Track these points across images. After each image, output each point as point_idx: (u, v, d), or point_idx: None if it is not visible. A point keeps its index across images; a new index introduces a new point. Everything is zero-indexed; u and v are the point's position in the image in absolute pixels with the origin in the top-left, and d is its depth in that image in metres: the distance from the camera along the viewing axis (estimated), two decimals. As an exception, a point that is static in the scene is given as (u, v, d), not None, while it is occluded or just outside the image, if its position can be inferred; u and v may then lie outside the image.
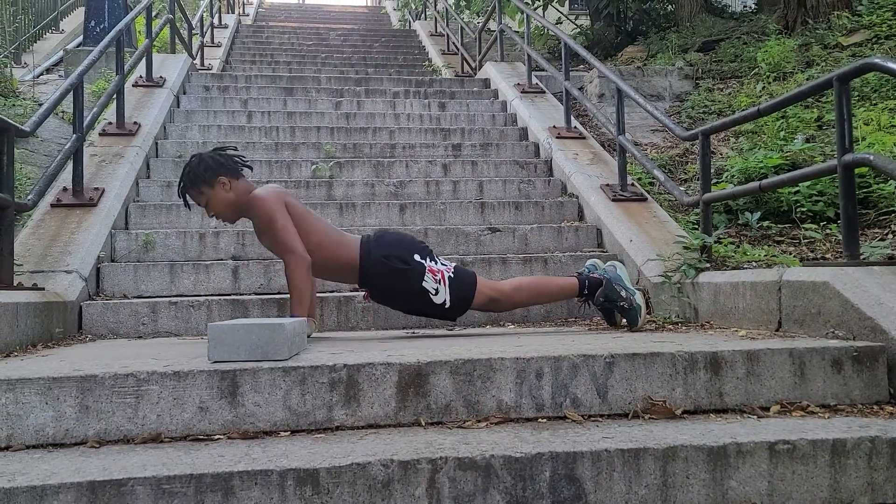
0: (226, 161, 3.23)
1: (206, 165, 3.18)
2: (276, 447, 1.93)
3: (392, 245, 3.28)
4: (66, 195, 4.43)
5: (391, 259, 3.23)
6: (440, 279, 3.25)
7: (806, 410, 2.26)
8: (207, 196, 3.19)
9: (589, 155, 5.71)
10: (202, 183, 3.18)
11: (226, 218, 3.27)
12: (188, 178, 3.19)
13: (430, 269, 3.27)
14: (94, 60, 4.65)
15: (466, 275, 3.35)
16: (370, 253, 3.26)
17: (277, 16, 16.27)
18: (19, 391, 2.00)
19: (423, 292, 3.23)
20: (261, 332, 2.23)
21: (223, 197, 3.19)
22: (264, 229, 3.21)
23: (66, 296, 3.54)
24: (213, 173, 3.18)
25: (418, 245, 3.35)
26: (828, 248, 4.06)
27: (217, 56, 10.03)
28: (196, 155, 3.24)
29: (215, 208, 3.21)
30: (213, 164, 3.19)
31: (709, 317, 3.46)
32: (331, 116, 6.81)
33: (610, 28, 10.77)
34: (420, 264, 3.26)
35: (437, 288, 3.24)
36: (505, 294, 3.38)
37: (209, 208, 3.22)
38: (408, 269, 3.23)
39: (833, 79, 2.88)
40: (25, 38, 9.20)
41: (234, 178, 3.22)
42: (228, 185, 3.20)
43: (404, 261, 3.24)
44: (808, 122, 5.69)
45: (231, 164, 3.25)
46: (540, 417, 2.21)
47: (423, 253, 3.31)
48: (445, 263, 3.36)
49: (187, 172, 3.20)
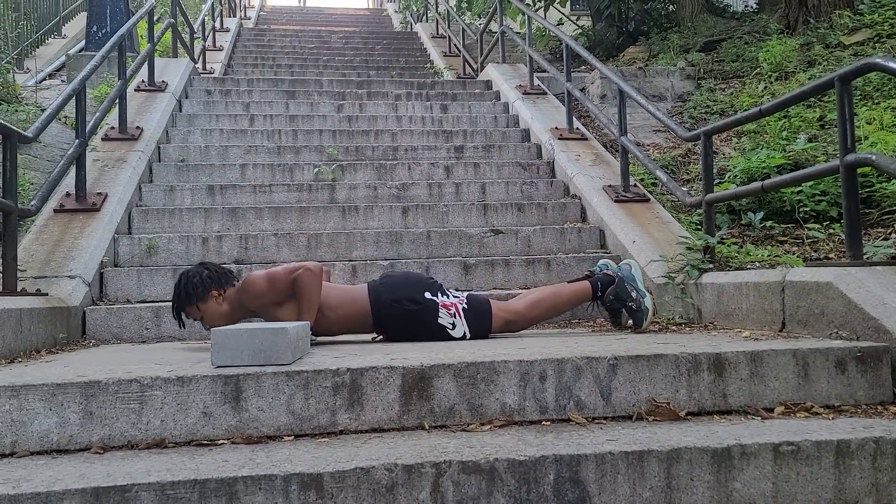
0: (214, 275, 3.20)
1: (196, 283, 3.15)
2: (279, 452, 1.93)
3: (400, 287, 3.24)
4: (70, 200, 4.44)
5: (402, 301, 3.19)
6: (455, 313, 3.22)
7: (810, 411, 2.26)
8: (202, 311, 3.18)
9: (591, 156, 5.71)
10: (196, 300, 3.15)
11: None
12: (181, 298, 3.17)
13: (442, 304, 3.23)
14: (97, 66, 4.66)
15: (480, 303, 3.32)
16: (380, 299, 3.22)
17: (279, 19, 16.30)
18: (23, 397, 2.00)
19: (440, 329, 3.20)
20: (264, 336, 2.24)
21: (217, 310, 3.18)
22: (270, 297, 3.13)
23: (69, 301, 3.54)
24: (203, 289, 3.15)
25: (426, 282, 3.32)
26: (831, 247, 4.06)
27: (219, 60, 10.05)
28: (184, 273, 3.21)
29: (210, 321, 3.19)
30: (202, 280, 3.16)
31: (712, 318, 3.45)
32: (333, 119, 6.82)
33: (611, 29, 10.77)
34: (432, 301, 3.22)
35: (453, 322, 3.21)
36: (520, 314, 3.37)
37: (204, 322, 3.21)
38: (420, 308, 3.19)
39: (835, 79, 2.87)
40: (28, 43, 9.23)
41: (223, 290, 3.20)
42: (220, 297, 3.18)
43: (416, 301, 3.20)
44: (811, 121, 5.68)
45: (220, 277, 3.21)
46: (544, 420, 2.21)
47: (432, 289, 3.27)
48: (457, 295, 3.32)
49: (179, 293, 3.17)
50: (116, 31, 6.32)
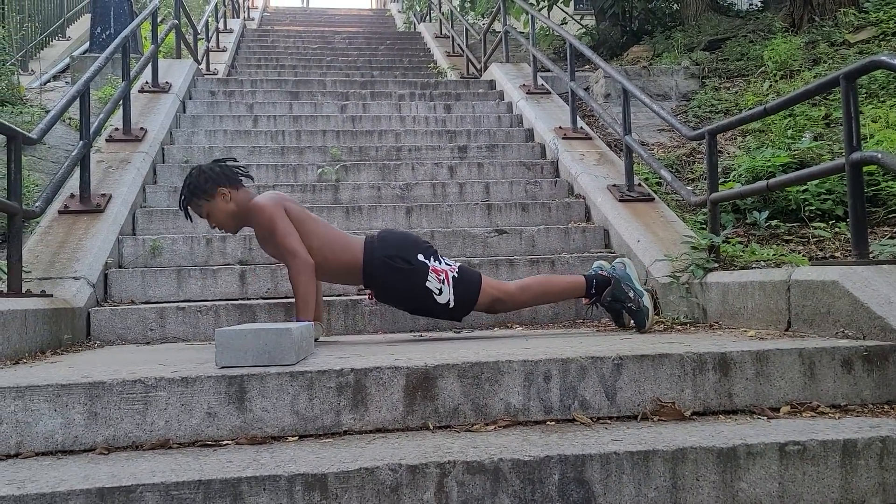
0: (225, 172, 3.24)
1: (206, 177, 3.19)
2: (284, 452, 1.93)
3: (395, 245, 3.27)
4: (74, 202, 4.44)
5: (394, 259, 3.22)
6: (444, 279, 3.24)
7: (816, 411, 2.25)
8: (209, 207, 3.20)
9: (595, 155, 5.70)
10: (203, 195, 3.19)
11: (227, 228, 3.28)
12: (189, 191, 3.21)
13: (433, 268, 3.25)
14: (101, 67, 4.67)
15: (471, 275, 3.34)
16: (373, 253, 3.25)
17: (282, 20, 16.32)
18: (28, 398, 2.00)
19: (426, 292, 3.22)
20: (268, 337, 2.23)
21: (224, 208, 3.21)
22: (266, 236, 3.22)
23: (74, 302, 3.55)
24: (213, 184, 3.19)
25: (422, 245, 3.33)
26: (837, 246, 4.04)
27: (222, 61, 10.06)
28: (196, 167, 3.25)
29: (217, 219, 3.22)
30: (212, 175, 3.20)
31: (717, 317, 3.44)
32: (336, 120, 6.82)
33: (615, 28, 10.75)
34: (423, 264, 3.24)
35: (440, 288, 3.23)
36: (510, 294, 3.36)
37: (211, 219, 3.23)
38: (411, 268, 3.22)
39: (840, 77, 2.86)
40: (32, 45, 9.25)
41: (234, 189, 3.24)
42: (229, 195, 3.21)
43: (407, 261, 3.23)
44: (816, 119, 5.66)
45: (231, 174, 3.26)
46: (548, 420, 2.20)
47: (426, 253, 3.30)
48: (450, 263, 3.34)
49: (188, 185, 3.21)
50: (120, 33, 6.33)
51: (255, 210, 3.19)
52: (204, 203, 3.21)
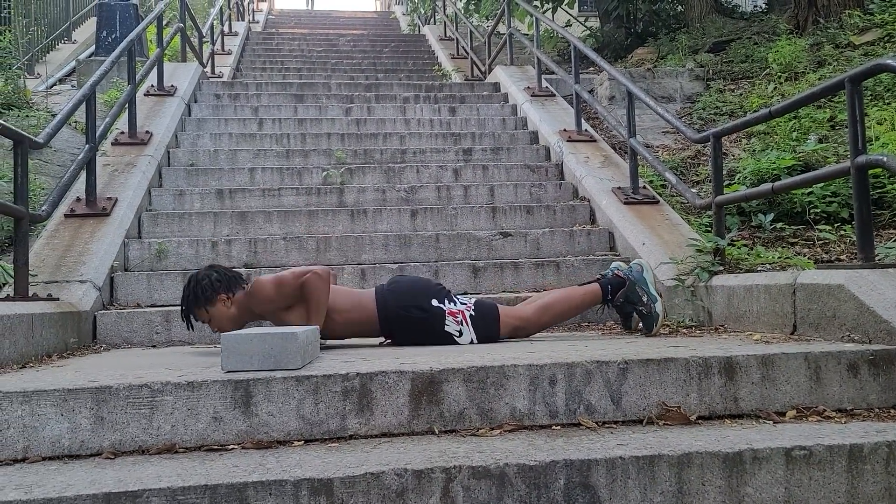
0: (223, 279, 3.20)
1: (205, 286, 3.16)
2: (289, 457, 1.93)
3: (407, 293, 3.24)
4: (80, 205, 4.46)
5: (408, 309, 3.19)
6: (461, 320, 3.21)
7: (822, 415, 2.24)
8: (210, 315, 3.18)
9: (600, 158, 5.70)
10: (205, 303, 3.16)
11: (228, 331, 3.21)
12: (190, 301, 3.18)
13: (449, 311, 3.22)
14: (106, 71, 4.69)
15: (488, 309, 3.30)
16: (387, 305, 3.22)
17: (287, 22, 16.34)
18: (35, 403, 2.01)
19: (446, 336, 3.19)
20: (273, 341, 2.24)
21: (225, 313, 3.18)
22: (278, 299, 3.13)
23: (80, 306, 3.56)
24: (213, 292, 3.16)
25: (433, 288, 3.30)
26: (842, 249, 4.03)
27: (227, 64, 10.09)
28: (193, 276, 3.21)
29: (218, 324, 3.20)
30: (210, 283, 3.17)
31: (722, 320, 3.44)
32: (341, 123, 6.83)
33: (620, 30, 10.75)
34: (439, 309, 3.21)
35: (459, 329, 3.20)
36: (529, 320, 3.34)
37: (212, 325, 3.21)
38: (426, 315, 3.19)
39: (845, 80, 2.86)
40: (38, 49, 9.29)
41: (232, 294, 3.20)
42: (228, 301, 3.18)
43: (421, 308, 3.20)
44: (821, 122, 5.65)
45: (228, 279, 3.22)
46: (554, 424, 2.20)
47: (440, 296, 3.26)
48: (464, 302, 3.30)
49: (187, 296, 3.18)
50: (126, 36, 6.36)
51: (255, 289, 3.14)
52: (204, 311, 3.18)
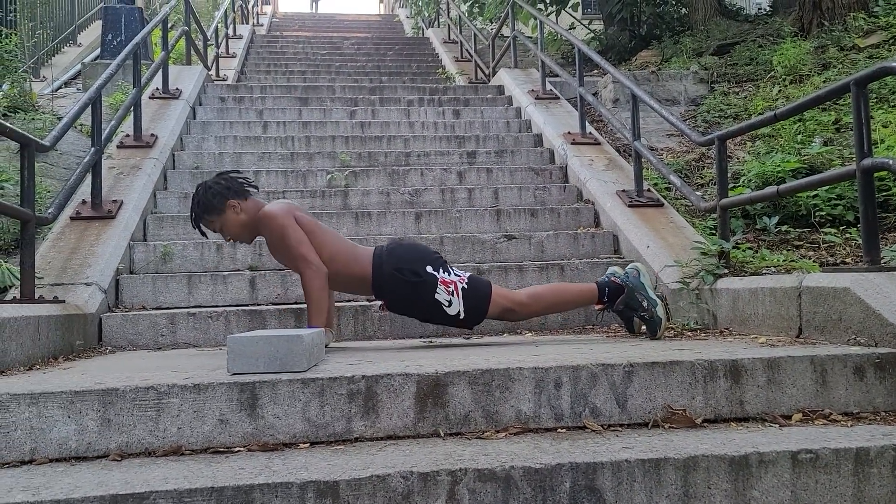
0: (231, 184, 3.26)
1: (214, 192, 3.21)
2: (295, 459, 1.94)
3: (404, 257, 3.28)
4: (85, 208, 4.47)
5: (403, 272, 3.22)
6: (453, 290, 3.24)
7: (828, 419, 2.24)
8: (221, 222, 3.23)
9: (604, 161, 5.70)
10: (213, 210, 3.21)
11: (242, 239, 3.31)
12: (199, 208, 3.23)
13: (442, 280, 3.25)
14: (112, 74, 4.69)
15: (481, 285, 3.33)
16: (382, 265, 3.26)
17: (291, 25, 16.38)
18: (42, 405, 2.02)
19: (435, 304, 3.23)
20: (279, 343, 2.24)
21: (235, 219, 3.23)
22: (277, 245, 3.24)
23: (86, 308, 3.57)
24: (221, 199, 3.21)
25: (431, 256, 3.34)
26: (847, 252, 4.03)
27: (232, 67, 10.11)
28: (201, 184, 3.27)
29: (230, 231, 3.24)
30: (219, 189, 3.23)
31: (727, 323, 3.43)
32: (345, 125, 6.84)
33: (623, 32, 10.75)
34: (432, 276, 3.24)
35: (449, 300, 3.23)
36: (521, 304, 3.35)
37: (224, 232, 3.26)
38: (419, 281, 3.22)
39: (850, 83, 2.86)
40: (44, 52, 9.32)
41: (242, 200, 3.26)
42: (239, 207, 3.23)
43: (416, 273, 3.23)
44: (826, 124, 5.65)
45: (237, 186, 3.28)
46: (559, 427, 2.20)
47: (435, 264, 3.30)
48: (459, 274, 3.34)
49: (197, 202, 3.23)
50: (131, 40, 6.38)
51: (266, 219, 3.21)
52: (216, 218, 3.23)
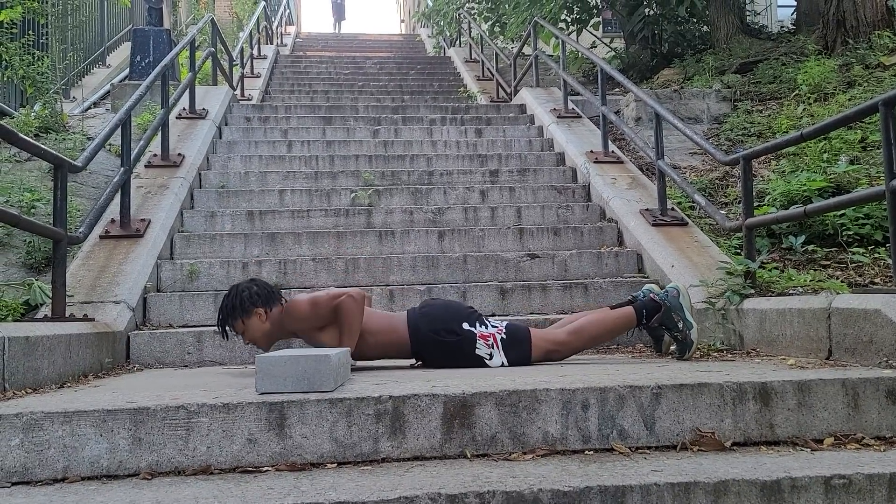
0: (262, 293, 3.27)
1: (243, 298, 3.23)
2: (323, 480, 1.94)
3: (439, 318, 3.25)
4: (114, 227, 4.54)
5: (440, 332, 3.21)
6: (492, 343, 3.21)
7: (861, 443, 2.21)
8: (244, 326, 3.25)
9: (627, 179, 5.69)
10: (241, 314, 3.23)
11: (260, 345, 3.31)
12: (227, 311, 3.25)
13: (480, 335, 3.22)
14: (142, 96, 4.79)
15: (519, 332, 3.29)
16: (419, 329, 3.24)
17: (314, 45, 16.59)
18: (75, 423, 2.04)
19: (478, 360, 3.19)
20: (307, 363, 2.26)
21: (259, 327, 3.25)
22: (312, 319, 3.19)
23: (114, 326, 3.62)
24: (251, 305, 3.23)
25: (465, 312, 3.32)
26: (876, 272, 3.98)
27: (257, 86, 10.25)
28: (234, 287, 3.29)
29: (251, 337, 3.27)
30: (249, 296, 3.24)
31: (754, 344, 3.40)
32: (369, 145, 6.90)
33: (645, 51, 10.75)
34: (470, 332, 3.22)
35: (490, 353, 3.20)
36: (562, 343, 3.32)
37: (245, 337, 3.28)
38: (458, 339, 3.20)
39: (879, 103, 2.84)
40: (74, 73, 9.52)
41: (269, 309, 3.26)
42: (264, 315, 3.25)
43: (453, 332, 3.21)
44: (852, 143, 5.60)
45: (266, 294, 3.28)
46: (587, 450, 2.19)
47: (471, 320, 3.27)
48: (496, 325, 3.30)
49: (226, 305, 3.25)
50: (159, 61, 6.50)
51: (290, 309, 3.21)
52: (239, 323, 3.25)
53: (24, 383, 2.66)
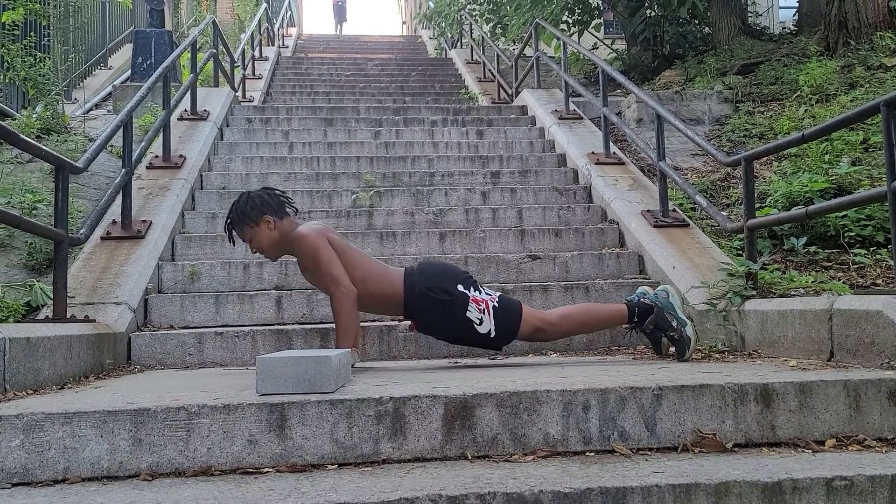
0: (272, 200, 3.33)
1: (253, 204, 3.28)
2: (324, 481, 1.94)
3: (435, 276, 3.30)
4: (115, 228, 4.54)
5: (434, 290, 3.25)
6: (484, 309, 3.25)
7: (862, 444, 2.20)
8: (252, 233, 3.29)
9: (629, 181, 5.68)
10: (248, 220, 3.27)
11: (268, 255, 3.36)
12: (235, 215, 3.30)
13: (473, 298, 3.26)
14: (143, 98, 4.79)
15: (511, 304, 3.34)
16: (414, 285, 3.28)
17: (316, 47, 16.60)
18: (76, 424, 2.04)
19: (467, 322, 3.23)
20: (308, 364, 2.26)
21: (267, 235, 3.28)
22: (309, 265, 3.28)
23: (115, 327, 3.62)
24: (259, 212, 3.28)
25: (461, 275, 3.36)
26: (878, 273, 3.97)
27: (258, 88, 10.26)
28: (245, 193, 3.35)
29: (258, 245, 3.30)
30: (259, 202, 3.29)
31: (756, 345, 3.39)
32: (370, 146, 6.90)
33: (647, 52, 10.75)
34: (464, 294, 3.26)
35: (481, 318, 3.24)
36: (551, 324, 3.35)
37: (252, 245, 3.31)
38: (451, 299, 3.24)
39: (880, 104, 2.83)
40: (76, 74, 9.53)
41: (278, 218, 3.31)
42: (273, 224, 3.28)
43: (447, 291, 3.25)
44: (854, 144, 5.59)
45: (277, 203, 3.34)
46: (587, 451, 2.19)
47: (466, 283, 3.32)
48: (489, 293, 3.35)
49: (235, 209, 3.30)
50: (161, 62, 6.50)
51: (299, 239, 3.25)
52: (248, 228, 3.29)
53: (24, 384, 2.66)
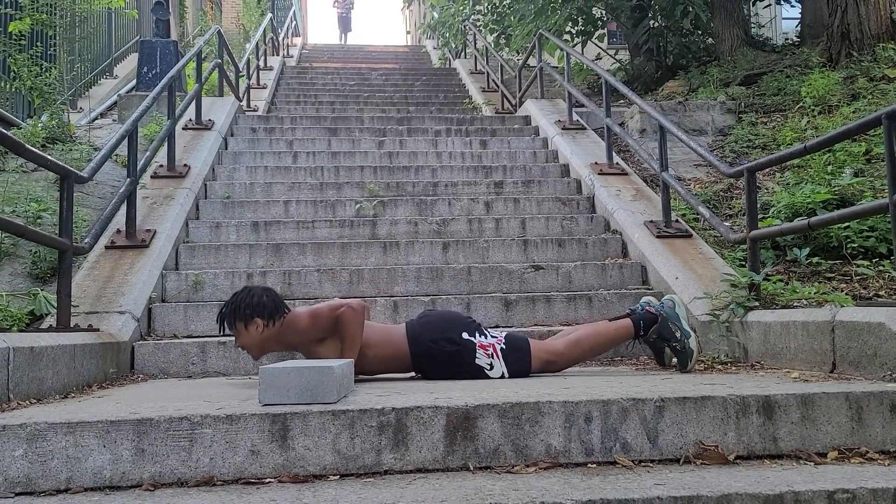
0: (270, 306, 3.24)
1: (248, 304, 3.22)
2: (326, 491, 1.94)
3: (438, 327, 3.25)
4: (120, 237, 4.56)
5: (439, 342, 3.20)
6: (492, 353, 3.21)
7: (865, 457, 2.20)
8: (239, 331, 3.24)
9: (632, 191, 5.69)
10: (239, 318, 3.21)
11: (250, 352, 3.30)
12: (230, 309, 3.24)
13: (480, 345, 3.22)
14: (148, 107, 4.82)
15: (519, 341, 3.29)
16: (418, 339, 3.23)
17: (320, 57, 16.66)
18: (79, 434, 2.05)
19: (478, 370, 3.19)
20: (311, 375, 2.26)
21: (254, 335, 3.22)
22: (309, 331, 3.20)
23: (119, 336, 3.63)
24: (252, 313, 3.21)
25: (464, 321, 3.32)
26: (881, 284, 3.97)
27: (263, 97, 10.30)
28: (247, 289, 3.28)
29: (242, 342, 3.26)
30: (257, 304, 3.22)
31: (759, 357, 3.39)
32: (374, 156, 6.92)
33: (650, 63, 10.77)
34: (469, 342, 3.21)
35: (490, 363, 3.19)
36: (560, 354, 3.33)
37: (237, 340, 3.27)
38: (458, 349, 3.19)
39: (882, 116, 2.84)
40: (81, 84, 9.58)
41: (270, 323, 3.23)
42: (261, 328, 3.21)
43: (453, 341, 3.20)
44: (856, 155, 5.59)
45: (274, 311, 3.25)
46: (589, 462, 2.19)
47: (470, 329, 3.27)
48: (495, 335, 3.30)
49: (231, 303, 3.25)
50: (166, 72, 6.55)
51: (292, 321, 3.21)
52: (237, 323, 3.23)
53: (28, 393, 2.67)
